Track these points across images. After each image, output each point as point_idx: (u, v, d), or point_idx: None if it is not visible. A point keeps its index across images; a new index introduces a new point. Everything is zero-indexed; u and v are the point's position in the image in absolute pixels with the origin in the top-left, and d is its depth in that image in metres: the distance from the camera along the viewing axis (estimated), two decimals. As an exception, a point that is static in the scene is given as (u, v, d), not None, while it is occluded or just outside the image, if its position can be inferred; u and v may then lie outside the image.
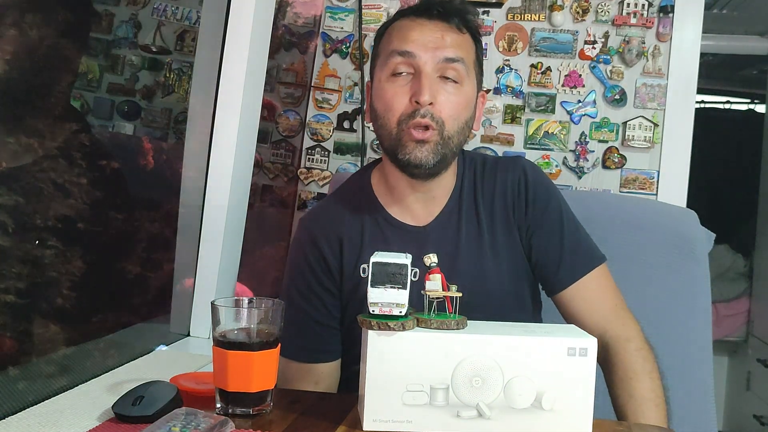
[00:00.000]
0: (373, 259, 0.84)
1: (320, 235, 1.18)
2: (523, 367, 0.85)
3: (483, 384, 0.85)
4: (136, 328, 1.58)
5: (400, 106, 1.08)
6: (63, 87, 1.44)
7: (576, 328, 0.93)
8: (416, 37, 1.09)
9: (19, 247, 1.30)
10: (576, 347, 0.86)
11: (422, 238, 1.16)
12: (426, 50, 1.08)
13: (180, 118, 1.87)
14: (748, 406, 3.05)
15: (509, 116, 1.95)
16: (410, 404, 0.85)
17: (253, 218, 1.97)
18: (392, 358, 0.84)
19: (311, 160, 2.05)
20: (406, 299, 0.84)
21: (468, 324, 0.88)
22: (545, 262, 1.17)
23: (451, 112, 1.09)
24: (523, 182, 1.18)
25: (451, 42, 1.09)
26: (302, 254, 1.19)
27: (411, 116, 1.07)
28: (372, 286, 0.83)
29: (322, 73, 2.05)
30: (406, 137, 1.08)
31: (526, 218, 1.17)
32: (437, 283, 0.88)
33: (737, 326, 3.17)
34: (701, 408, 1.36)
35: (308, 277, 1.17)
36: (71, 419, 0.91)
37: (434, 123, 1.07)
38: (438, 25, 1.10)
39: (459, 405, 0.85)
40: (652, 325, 1.41)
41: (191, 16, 1.92)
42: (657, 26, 1.89)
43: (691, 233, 1.44)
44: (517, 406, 0.85)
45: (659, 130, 1.88)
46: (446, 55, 1.08)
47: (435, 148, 1.08)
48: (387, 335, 0.84)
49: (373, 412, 0.85)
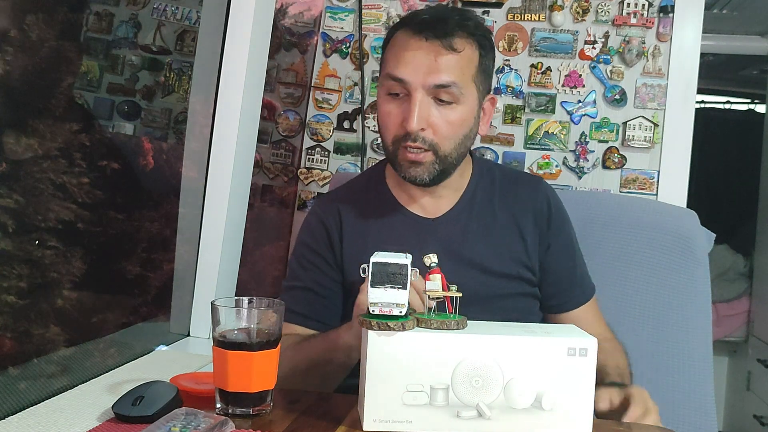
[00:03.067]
0: (373, 259, 0.84)
1: (327, 213, 1.22)
2: (523, 367, 0.85)
3: (483, 384, 0.85)
4: (136, 328, 1.58)
5: (394, 128, 1.10)
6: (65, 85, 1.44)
7: (576, 329, 0.93)
8: (409, 60, 1.08)
9: (21, 248, 1.30)
10: (576, 347, 0.86)
11: (429, 229, 1.18)
12: (417, 75, 1.07)
13: (180, 118, 1.87)
14: (748, 406, 3.05)
15: (509, 116, 1.95)
16: (410, 404, 0.85)
17: (253, 218, 1.97)
18: (392, 359, 0.84)
19: (311, 160, 2.05)
20: (406, 299, 0.84)
21: (468, 324, 0.88)
22: (552, 282, 1.22)
23: (445, 134, 1.09)
24: (546, 203, 1.22)
25: (445, 66, 1.07)
26: (308, 231, 1.23)
27: (404, 138, 1.09)
28: (372, 287, 0.83)
29: (322, 73, 2.05)
30: (401, 156, 1.10)
31: (546, 238, 1.21)
32: (437, 283, 0.88)
33: (737, 326, 3.17)
34: (701, 408, 1.36)
35: (310, 247, 1.22)
36: (71, 419, 0.91)
37: (426, 146, 1.08)
38: (433, 46, 1.08)
39: (459, 405, 0.85)
40: (652, 325, 1.41)
41: (191, 16, 1.92)
42: (657, 26, 1.89)
43: (691, 233, 1.44)
44: (517, 407, 0.85)
45: (659, 130, 1.88)
46: (437, 82, 1.07)
47: (430, 168, 1.10)
48: (387, 335, 0.84)
49: (373, 412, 0.85)
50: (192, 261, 1.59)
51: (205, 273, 1.58)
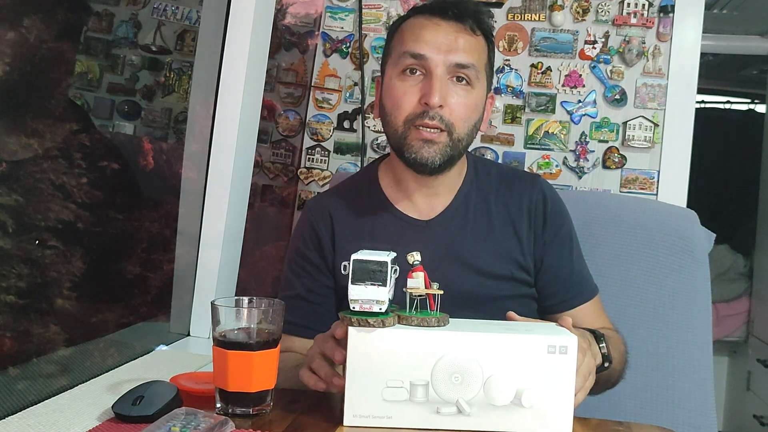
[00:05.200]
0: (354, 257, 0.84)
1: (318, 217, 1.20)
2: (502, 365, 0.85)
3: (462, 381, 0.85)
4: (136, 328, 1.58)
5: (409, 106, 1.09)
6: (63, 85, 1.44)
7: (556, 326, 0.92)
8: (429, 38, 1.09)
9: (20, 247, 1.30)
10: (556, 345, 0.86)
11: (423, 231, 1.17)
12: (438, 52, 1.08)
13: (180, 118, 1.87)
14: (748, 406, 3.05)
15: (509, 116, 1.95)
16: (390, 400, 0.85)
17: (253, 218, 1.97)
18: (372, 355, 0.85)
19: (311, 160, 2.05)
20: (386, 296, 0.84)
21: (450, 321, 0.89)
22: (548, 282, 1.19)
23: (461, 114, 1.09)
24: (541, 200, 1.20)
25: (464, 45, 1.09)
26: (299, 235, 1.22)
27: (420, 116, 1.08)
28: (352, 283, 0.84)
29: (322, 72, 2.05)
30: (413, 135, 1.09)
31: (542, 235, 1.19)
32: (419, 281, 0.88)
33: (737, 326, 3.17)
34: (701, 408, 1.36)
35: (301, 254, 1.20)
36: (71, 419, 0.92)
37: (443, 125, 1.07)
38: (452, 26, 1.10)
39: (439, 401, 0.85)
40: (652, 325, 1.41)
41: (191, 16, 1.92)
42: (657, 26, 1.89)
43: (691, 233, 1.44)
44: (496, 403, 0.85)
45: (659, 130, 1.88)
46: (458, 60, 1.08)
47: (443, 149, 1.09)
48: (366, 332, 0.85)
49: (353, 408, 0.86)
50: (192, 261, 1.59)
51: (205, 273, 1.58)
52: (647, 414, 1.34)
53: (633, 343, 1.33)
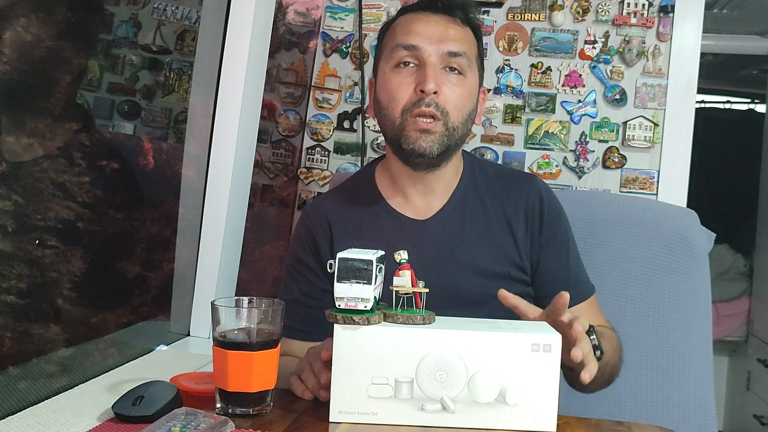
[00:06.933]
0: (339, 255, 0.85)
1: (316, 222, 1.21)
2: (486, 362, 0.86)
3: (447, 378, 0.86)
4: (136, 327, 1.58)
5: (405, 96, 1.11)
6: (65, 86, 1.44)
7: (544, 325, 0.93)
8: (420, 30, 1.12)
9: (21, 247, 1.30)
10: (540, 343, 0.86)
11: (420, 231, 1.17)
12: (430, 42, 1.11)
13: (180, 118, 1.87)
14: (748, 406, 3.05)
15: (509, 116, 1.95)
16: (375, 397, 0.86)
17: (253, 218, 1.97)
18: (357, 352, 0.86)
19: (311, 160, 2.05)
20: (371, 294, 0.85)
21: (436, 319, 0.89)
22: (545, 282, 1.19)
23: (455, 102, 1.11)
24: (538, 200, 1.20)
25: (454, 35, 1.12)
26: (297, 241, 1.23)
27: (416, 105, 1.09)
28: (338, 281, 0.85)
29: (322, 72, 2.05)
30: (410, 126, 1.10)
31: (539, 238, 1.19)
32: (406, 279, 0.89)
33: (737, 326, 3.17)
34: (701, 408, 1.36)
35: (299, 259, 1.22)
36: (71, 419, 0.92)
37: (439, 113, 1.09)
38: (442, 19, 1.13)
39: (423, 398, 0.86)
40: (652, 325, 1.41)
41: (191, 15, 1.92)
42: (657, 26, 1.89)
43: (691, 233, 1.44)
44: (481, 401, 0.86)
45: (659, 130, 1.88)
46: (450, 49, 1.11)
47: (440, 138, 1.10)
48: (352, 329, 0.86)
49: (338, 404, 0.87)
50: (192, 261, 1.59)
51: (205, 273, 1.58)
52: (647, 414, 1.34)
53: (633, 342, 1.33)
